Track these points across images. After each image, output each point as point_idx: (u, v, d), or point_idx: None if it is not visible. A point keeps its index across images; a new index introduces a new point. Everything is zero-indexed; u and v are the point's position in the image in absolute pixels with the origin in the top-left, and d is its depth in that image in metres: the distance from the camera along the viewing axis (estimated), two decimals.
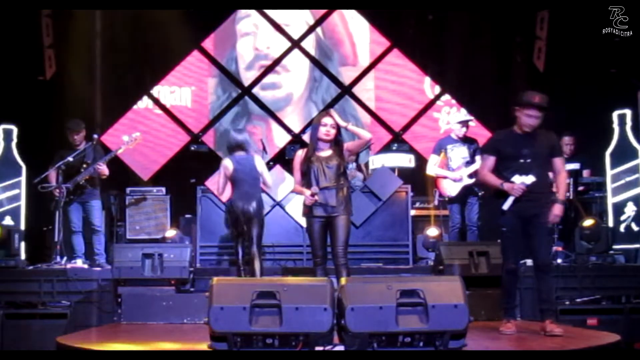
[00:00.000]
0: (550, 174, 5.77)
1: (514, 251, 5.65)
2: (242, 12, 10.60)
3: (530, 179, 5.50)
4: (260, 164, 6.99)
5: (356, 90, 10.56)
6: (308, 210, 6.02)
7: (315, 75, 10.62)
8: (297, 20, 10.59)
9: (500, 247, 5.83)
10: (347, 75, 10.55)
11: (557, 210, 5.56)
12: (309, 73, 10.62)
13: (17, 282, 7.07)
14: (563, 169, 5.70)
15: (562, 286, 6.96)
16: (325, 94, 10.62)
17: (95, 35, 10.22)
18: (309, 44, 10.62)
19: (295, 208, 8.28)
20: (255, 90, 10.49)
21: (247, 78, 10.54)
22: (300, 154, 6.15)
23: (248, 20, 10.64)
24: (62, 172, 7.54)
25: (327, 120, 6.04)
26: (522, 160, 5.56)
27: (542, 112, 5.51)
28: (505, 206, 5.53)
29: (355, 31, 10.66)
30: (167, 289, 6.92)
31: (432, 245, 8.34)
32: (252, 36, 10.63)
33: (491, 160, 5.71)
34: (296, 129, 10.39)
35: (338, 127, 6.05)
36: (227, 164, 6.89)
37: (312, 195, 5.91)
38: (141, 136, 8.09)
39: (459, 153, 8.02)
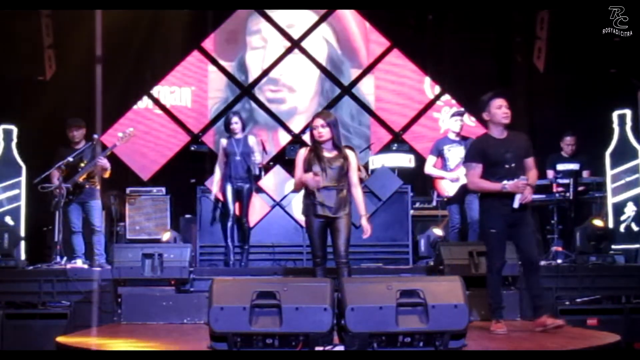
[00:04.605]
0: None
1: (501, 251, 5.70)
2: (253, 26, 10.66)
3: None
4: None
5: (356, 90, 10.56)
6: (307, 209, 5.97)
7: (325, 88, 10.60)
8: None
9: (487, 248, 5.84)
10: (361, 81, 10.63)
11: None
12: (317, 85, 10.61)
13: (17, 282, 7.05)
14: (534, 166, 5.76)
15: (562, 286, 6.95)
16: None
17: (95, 36, 10.20)
18: (322, 56, 10.62)
19: (295, 208, 8.27)
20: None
21: (256, 94, 10.56)
22: (303, 152, 6.09)
23: (257, 36, 10.68)
24: (62, 172, 7.52)
25: (316, 122, 5.98)
26: (507, 166, 5.60)
27: (507, 100, 5.61)
28: (516, 204, 5.57)
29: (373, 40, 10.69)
30: (167, 289, 6.91)
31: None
32: (262, 50, 10.64)
33: (479, 167, 5.69)
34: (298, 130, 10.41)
35: (330, 127, 5.96)
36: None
37: (315, 174, 5.83)
38: (134, 131, 8.06)
39: (456, 153, 8.00)
